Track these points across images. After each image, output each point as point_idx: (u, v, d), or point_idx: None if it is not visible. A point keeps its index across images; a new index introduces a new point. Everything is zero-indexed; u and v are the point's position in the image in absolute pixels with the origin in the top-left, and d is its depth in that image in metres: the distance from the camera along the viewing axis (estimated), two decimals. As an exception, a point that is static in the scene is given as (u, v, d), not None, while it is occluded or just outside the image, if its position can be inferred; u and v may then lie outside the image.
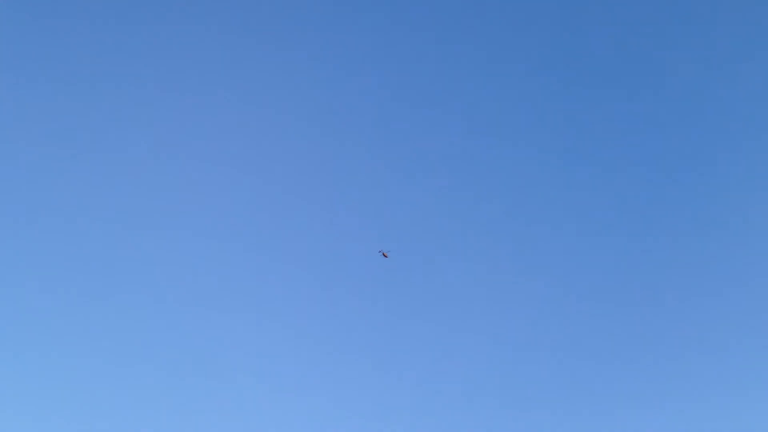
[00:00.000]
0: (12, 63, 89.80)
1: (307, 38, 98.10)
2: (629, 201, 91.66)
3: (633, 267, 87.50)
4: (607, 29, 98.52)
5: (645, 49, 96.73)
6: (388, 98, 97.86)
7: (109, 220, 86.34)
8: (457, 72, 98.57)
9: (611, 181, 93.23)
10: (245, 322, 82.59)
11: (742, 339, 79.96)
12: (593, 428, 76.34)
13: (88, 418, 73.74)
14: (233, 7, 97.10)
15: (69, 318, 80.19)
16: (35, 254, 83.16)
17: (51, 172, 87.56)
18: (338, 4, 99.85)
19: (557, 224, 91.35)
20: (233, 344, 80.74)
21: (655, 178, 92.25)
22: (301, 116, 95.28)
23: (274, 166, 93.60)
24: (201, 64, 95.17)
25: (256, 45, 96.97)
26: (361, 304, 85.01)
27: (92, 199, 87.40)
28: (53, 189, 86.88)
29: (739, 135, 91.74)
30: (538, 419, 76.98)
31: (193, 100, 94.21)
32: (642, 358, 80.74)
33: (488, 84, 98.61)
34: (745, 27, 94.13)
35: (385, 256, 77.24)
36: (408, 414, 77.56)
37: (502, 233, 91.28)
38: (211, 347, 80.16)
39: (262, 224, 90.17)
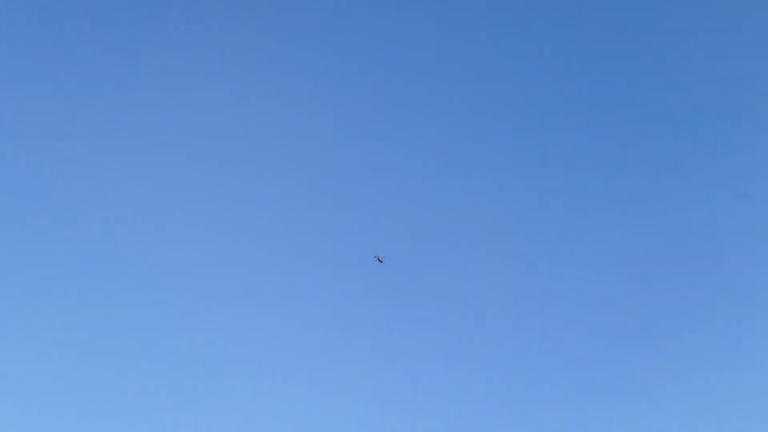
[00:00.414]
0: (12, 63, 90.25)
1: (312, 38, 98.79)
2: (629, 201, 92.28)
3: (633, 267, 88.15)
4: (609, 27, 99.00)
5: (648, 48, 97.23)
6: (387, 98, 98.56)
7: (111, 220, 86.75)
8: (457, 73, 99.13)
9: (613, 181, 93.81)
10: (247, 322, 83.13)
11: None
12: (598, 426, 76.87)
13: (88, 418, 74.21)
14: (241, 7, 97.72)
15: (70, 318, 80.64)
16: (35, 254, 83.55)
17: (51, 172, 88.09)
18: (348, 3, 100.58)
19: (559, 224, 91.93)
20: (234, 344, 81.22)
21: (662, 178, 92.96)
22: (299, 117, 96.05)
23: (276, 166, 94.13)
24: (206, 65, 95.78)
25: (261, 45, 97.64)
26: (363, 302, 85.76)
27: (93, 199, 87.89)
28: (53, 189, 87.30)
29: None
30: (541, 418, 77.53)
31: (195, 100, 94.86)
32: (645, 359, 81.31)
33: (488, 83, 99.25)
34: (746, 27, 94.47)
35: (381, 261, 78.38)
36: (408, 413, 77.99)
37: (503, 232, 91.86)
38: (213, 347, 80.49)
39: (264, 224, 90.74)
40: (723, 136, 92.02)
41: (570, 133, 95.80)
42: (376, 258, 78.42)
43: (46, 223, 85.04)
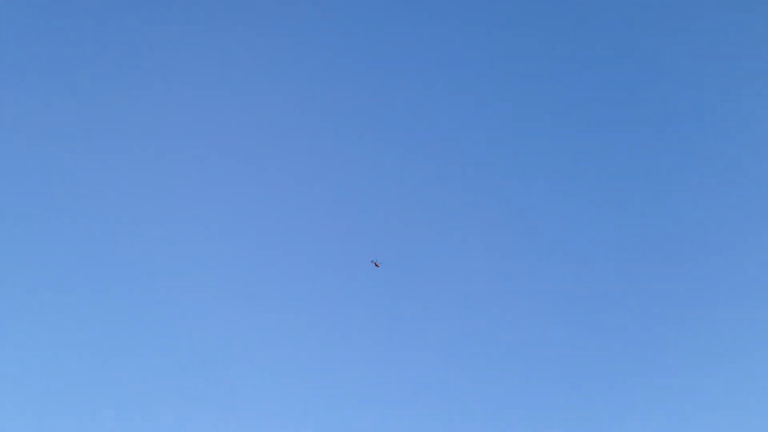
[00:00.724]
0: (12, 63, 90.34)
1: (312, 38, 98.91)
2: (626, 199, 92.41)
3: (633, 266, 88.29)
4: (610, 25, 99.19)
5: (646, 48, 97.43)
6: (387, 98, 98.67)
7: (111, 219, 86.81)
8: (454, 73, 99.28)
9: (609, 179, 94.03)
10: (247, 322, 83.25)
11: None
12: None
13: (88, 418, 74.22)
14: (241, 7, 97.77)
15: (69, 317, 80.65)
16: (35, 254, 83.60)
17: (51, 172, 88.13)
18: (348, 3, 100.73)
19: (556, 222, 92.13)
20: (235, 344, 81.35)
21: (659, 176, 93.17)
22: (299, 117, 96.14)
23: (275, 166, 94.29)
24: (206, 65, 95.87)
25: (261, 45, 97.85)
26: (363, 302, 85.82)
27: (93, 199, 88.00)
28: (53, 189, 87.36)
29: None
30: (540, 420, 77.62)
31: (195, 100, 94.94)
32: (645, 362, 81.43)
33: (486, 82, 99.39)
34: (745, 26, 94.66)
35: (377, 266, 78.85)
36: (409, 413, 78.04)
37: (500, 230, 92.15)
38: (212, 347, 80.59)
39: (263, 224, 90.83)
40: (719, 134, 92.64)
41: (566, 132, 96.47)
42: (372, 262, 78.71)
43: (46, 222, 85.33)
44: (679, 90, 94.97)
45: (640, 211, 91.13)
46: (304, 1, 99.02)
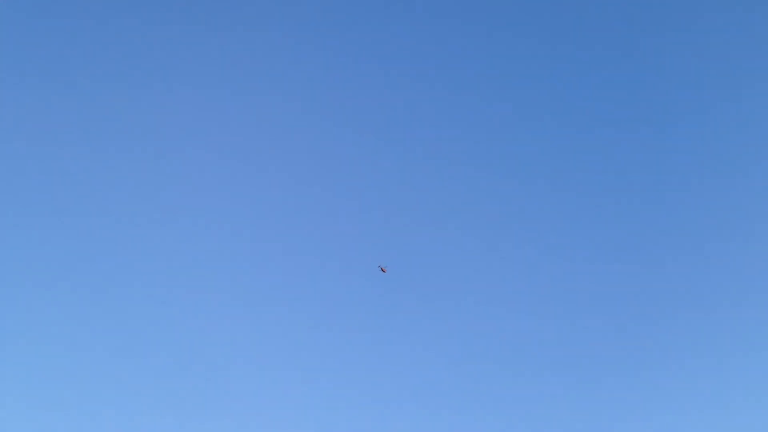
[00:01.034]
0: (12, 63, 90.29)
1: (313, 36, 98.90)
2: (624, 199, 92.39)
3: (632, 265, 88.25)
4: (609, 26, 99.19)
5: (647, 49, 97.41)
6: (387, 98, 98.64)
7: (110, 219, 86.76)
8: (452, 73, 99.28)
9: (606, 179, 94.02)
10: (247, 322, 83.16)
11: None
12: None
13: (87, 417, 74.16)
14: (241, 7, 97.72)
15: (71, 317, 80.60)
16: (35, 254, 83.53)
17: (51, 172, 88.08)
18: (348, 4, 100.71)
19: (558, 222, 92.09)
20: (234, 344, 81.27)
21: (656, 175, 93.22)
22: (299, 117, 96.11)
23: (275, 166, 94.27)
24: (206, 65, 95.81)
25: (262, 43, 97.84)
26: (363, 302, 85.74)
27: (93, 198, 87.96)
28: (53, 189, 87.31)
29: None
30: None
31: (195, 100, 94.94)
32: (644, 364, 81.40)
33: (486, 82, 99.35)
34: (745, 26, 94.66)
35: (384, 271, 79.03)
36: (408, 413, 77.99)
37: (501, 231, 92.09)
38: (212, 347, 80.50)
39: (263, 225, 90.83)
40: (719, 134, 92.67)
41: (566, 132, 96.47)
42: (379, 268, 78.98)
43: (46, 221, 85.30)
44: (679, 90, 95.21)
45: (640, 210, 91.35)
46: (304, 1, 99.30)
